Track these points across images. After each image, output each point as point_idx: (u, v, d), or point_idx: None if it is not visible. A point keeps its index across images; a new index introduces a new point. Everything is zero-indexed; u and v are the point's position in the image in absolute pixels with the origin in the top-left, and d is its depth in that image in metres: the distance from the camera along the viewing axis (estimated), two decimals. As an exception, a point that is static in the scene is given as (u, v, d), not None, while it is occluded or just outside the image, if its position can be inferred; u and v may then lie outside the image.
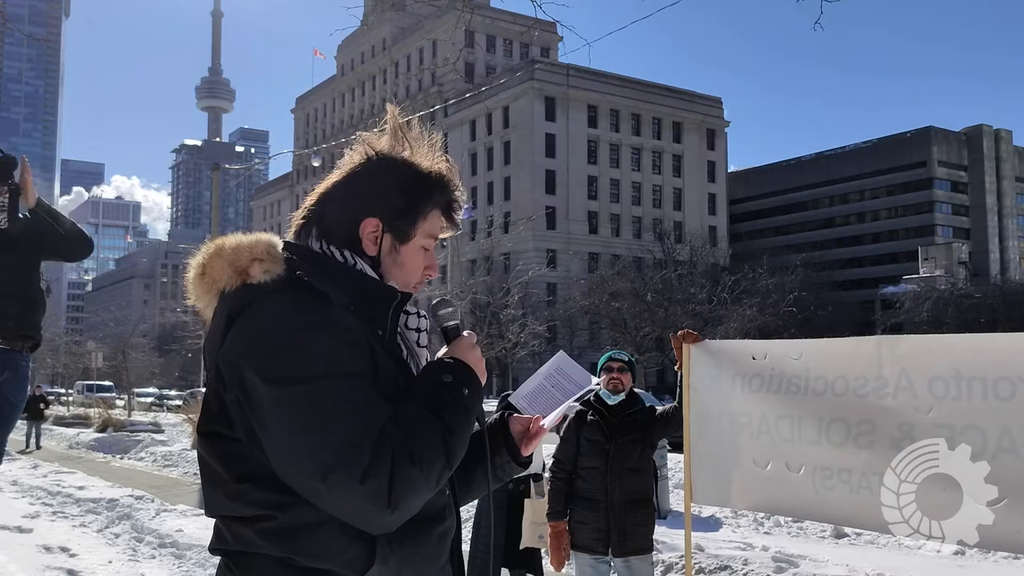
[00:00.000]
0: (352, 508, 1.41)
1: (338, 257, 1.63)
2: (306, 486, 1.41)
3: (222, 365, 1.52)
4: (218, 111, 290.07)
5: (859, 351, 3.69)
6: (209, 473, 1.57)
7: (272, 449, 1.44)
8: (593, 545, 4.66)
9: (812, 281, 58.34)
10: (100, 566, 7.50)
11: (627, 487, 4.65)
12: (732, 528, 10.79)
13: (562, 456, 4.84)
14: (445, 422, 1.50)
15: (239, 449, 1.51)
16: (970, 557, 8.80)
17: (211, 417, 1.55)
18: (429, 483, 1.45)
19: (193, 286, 1.63)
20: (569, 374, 2.04)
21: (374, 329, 1.57)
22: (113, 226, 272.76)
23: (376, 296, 1.61)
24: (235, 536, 1.53)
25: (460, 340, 1.71)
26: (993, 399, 3.22)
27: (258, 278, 1.55)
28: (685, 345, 4.34)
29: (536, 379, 2.05)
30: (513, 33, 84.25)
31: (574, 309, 58.75)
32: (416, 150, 1.72)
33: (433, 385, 1.57)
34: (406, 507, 1.43)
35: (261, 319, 1.50)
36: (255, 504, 1.49)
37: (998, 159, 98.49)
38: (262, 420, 1.45)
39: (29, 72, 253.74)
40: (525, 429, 1.86)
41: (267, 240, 1.62)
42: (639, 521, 4.68)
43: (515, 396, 2.04)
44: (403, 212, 1.67)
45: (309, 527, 1.47)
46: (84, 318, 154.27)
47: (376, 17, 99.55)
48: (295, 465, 1.41)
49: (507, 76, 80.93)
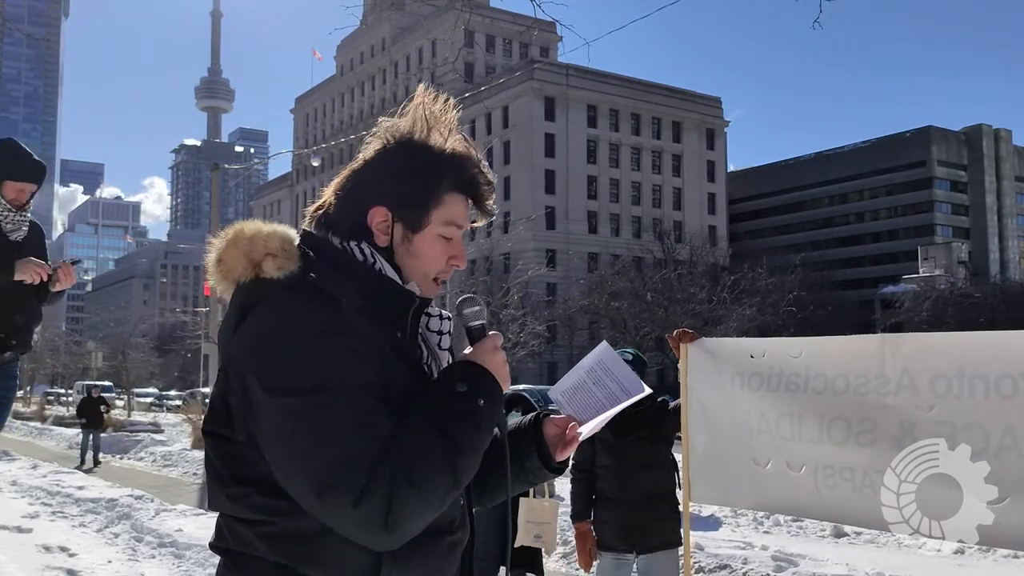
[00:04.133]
0: (348, 528, 1.36)
1: (358, 255, 1.54)
2: (304, 501, 1.37)
3: (229, 365, 1.48)
4: (217, 111, 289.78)
5: (861, 349, 3.68)
6: (213, 470, 1.53)
7: (271, 459, 1.41)
8: (615, 544, 4.67)
9: (812, 281, 58.29)
10: (99, 566, 7.49)
11: (642, 483, 4.64)
12: (732, 527, 10.78)
13: (580, 457, 4.84)
14: (453, 439, 1.40)
15: (241, 452, 1.46)
16: (970, 556, 8.79)
17: (215, 417, 1.51)
18: (431, 505, 1.38)
19: (212, 271, 1.57)
20: (613, 372, 1.83)
21: (392, 332, 1.49)
22: (113, 226, 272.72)
23: (392, 300, 1.53)
24: (235, 536, 1.49)
25: (483, 342, 1.58)
26: (995, 397, 3.22)
27: (270, 274, 1.48)
28: (683, 344, 4.32)
29: (577, 372, 1.85)
30: (512, 33, 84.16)
31: (574, 309, 58.72)
32: (433, 131, 1.60)
33: (445, 396, 1.47)
34: (404, 529, 1.37)
35: (266, 321, 1.44)
36: (255, 508, 1.45)
37: (998, 159, 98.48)
38: (262, 428, 1.41)
39: (28, 72, 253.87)
40: (562, 432, 1.71)
41: (283, 234, 1.54)
42: (660, 516, 4.64)
43: (554, 390, 1.86)
44: (412, 199, 1.56)
45: (311, 535, 1.42)
46: (84, 318, 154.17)
47: (375, 17, 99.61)
48: (292, 478, 1.38)
49: (507, 76, 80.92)
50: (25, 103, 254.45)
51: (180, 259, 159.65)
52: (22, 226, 4.52)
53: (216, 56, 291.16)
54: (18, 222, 4.50)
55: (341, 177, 1.64)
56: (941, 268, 69.32)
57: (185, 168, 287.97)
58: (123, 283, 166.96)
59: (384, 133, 1.62)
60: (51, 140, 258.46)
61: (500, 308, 40.95)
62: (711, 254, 65.17)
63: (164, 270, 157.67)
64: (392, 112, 1.68)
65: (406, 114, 1.63)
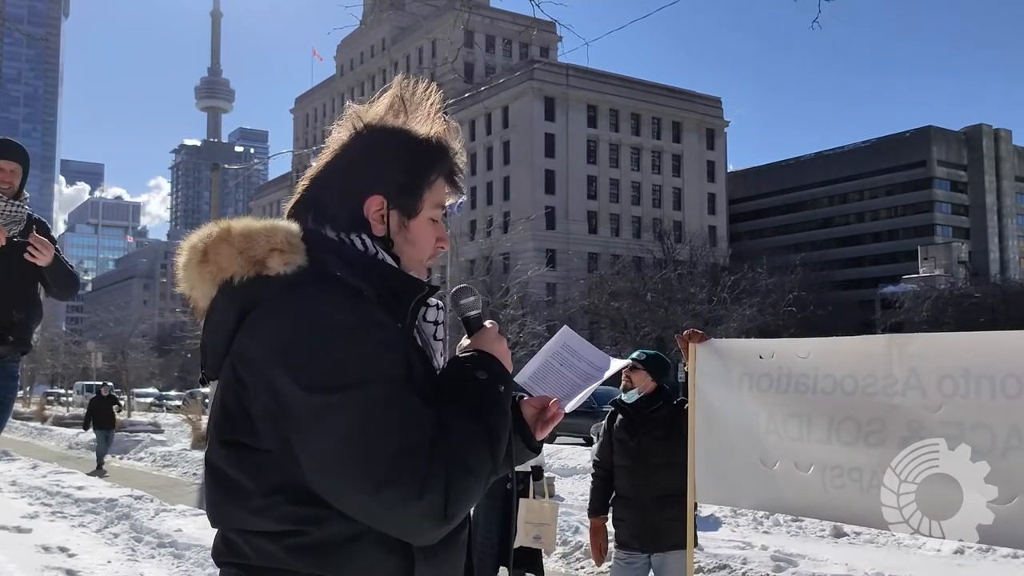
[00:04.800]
0: (407, 523, 1.31)
1: (358, 246, 1.51)
2: (353, 501, 1.31)
3: (242, 368, 1.39)
4: (217, 111, 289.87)
5: (868, 350, 3.67)
6: (227, 485, 1.42)
7: (313, 462, 1.33)
8: (629, 542, 4.75)
9: (812, 281, 58.29)
10: (99, 566, 7.48)
11: (655, 483, 4.67)
12: (731, 527, 10.78)
13: (599, 456, 5.05)
14: (490, 425, 1.40)
15: (268, 460, 1.38)
16: (969, 556, 8.79)
17: (233, 426, 1.41)
18: (481, 491, 1.38)
19: (188, 272, 1.48)
20: (580, 352, 1.88)
21: (395, 323, 1.46)
22: (113, 226, 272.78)
23: (401, 289, 1.49)
24: (257, 551, 1.39)
25: (484, 332, 1.58)
26: (1001, 397, 3.20)
27: (278, 270, 1.41)
28: (691, 344, 4.31)
29: (540, 357, 1.88)
30: (512, 33, 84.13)
31: (574, 309, 58.72)
32: (412, 116, 1.58)
33: (471, 383, 1.46)
34: (460, 517, 1.35)
35: (291, 318, 1.37)
36: (285, 519, 1.37)
37: (998, 158, 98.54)
38: (301, 431, 1.33)
39: (28, 72, 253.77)
40: (539, 412, 1.73)
41: (286, 227, 1.47)
42: (672, 516, 4.61)
43: (520, 376, 1.85)
44: (407, 185, 1.55)
45: (343, 542, 1.37)
46: (84, 318, 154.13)
47: (375, 17, 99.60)
48: (343, 479, 1.30)
49: (506, 76, 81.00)
50: (25, 103, 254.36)
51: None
52: (17, 217, 4.25)
53: (216, 56, 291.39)
54: (10, 213, 4.22)
55: (316, 170, 1.60)
56: (941, 268, 69.34)
57: (185, 168, 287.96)
58: (123, 283, 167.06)
59: (353, 120, 1.59)
60: (51, 140, 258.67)
61: (499, 308, 40.94)
62: (711, 254, 65.17)
63: (164, 270, 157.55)
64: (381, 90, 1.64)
65: (380, 102, 1.61)
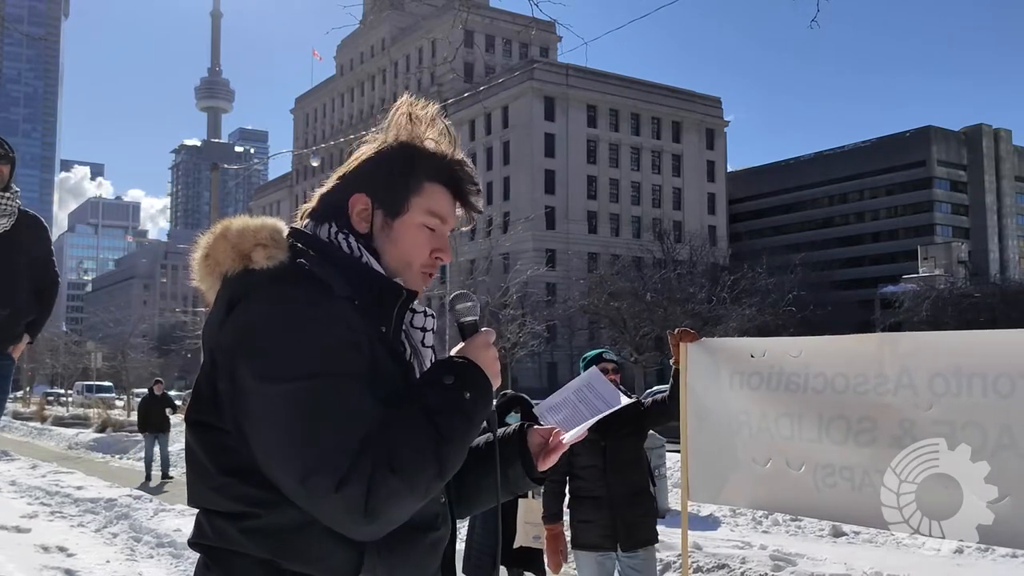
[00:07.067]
0: (329, 514, 1.35)
1: (344, 247, 1.57)
2: (288, 489, 1.36)
3: (217, 353, 1.46)
4: (217, 111, 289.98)
5: (860, 348, 3.68)
6: (195, 463, 1.50)
7: (257, 446, 1.39)
8: (600, 542, 4.68)
9: (811, 280, 58.31)
10: (98, 566, 7.49)
11: (628, 480, 4.69)
12: (730, 527, 10.77)
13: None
14: (440, 429, 1.39)
15: (227, 441, 1.44)
16: (969, 555, 8.78)
17: (201, 405, 1.49)
18: (415, 493, 1.37)
19: (197, 267, 1.58)
20: (600, 391, 1.97)
21: (377, 326, 1.50)
22: (113, 226, 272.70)
23: (380, 292, 1.54)
24: (216, 531, 1.47)
25: (475, 338, 1.59)
26: (993, 396, 3.21)
27: (260, 263, 1.49)
28: (682, 344, 4.32)
29: (564, 392, 1.99)
30: (512, 33, 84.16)
31: (573, 309, 58.67)
32: (412, 126, 1.66)
33: (432, 387, 1.47)
34: (387, 517, 1.36)
35: (260, 308, 1.44)
36: (240, 500, 1.43)
37: (997, 158, 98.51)
38: (249, 415, 1.40)
39: (28, 72, 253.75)
40: (545, 442, 1.75)
41: (272, 225, 1.56)
42: (644, 513, 4.72)
43: (540, 407, 1.97)
44: (389, 183, 1.60)
45: (294, 528, 1.41)
46: (84, 318, 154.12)
47: (375, 17, 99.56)
48: (278, 464, 1.36)
49: (506, 76, 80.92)
50: (25, 103, 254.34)
51: (180, 259, 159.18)
52: (7, 211, 4.12)
53: (216, 56, 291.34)
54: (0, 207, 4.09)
55: (328, 185, 1.68)
56: (941, 268, 69.26)
57: (185, 168, 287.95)
58: (123, 283, 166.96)
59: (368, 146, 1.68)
60: (51, 140, 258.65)
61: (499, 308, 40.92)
62: (711, 254, 65.08)
63: (164, 270, 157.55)
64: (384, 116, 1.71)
65: (389, 127, 1.68)
